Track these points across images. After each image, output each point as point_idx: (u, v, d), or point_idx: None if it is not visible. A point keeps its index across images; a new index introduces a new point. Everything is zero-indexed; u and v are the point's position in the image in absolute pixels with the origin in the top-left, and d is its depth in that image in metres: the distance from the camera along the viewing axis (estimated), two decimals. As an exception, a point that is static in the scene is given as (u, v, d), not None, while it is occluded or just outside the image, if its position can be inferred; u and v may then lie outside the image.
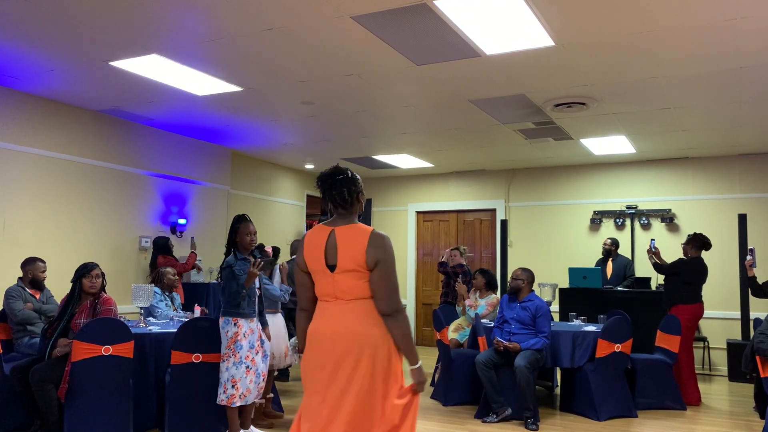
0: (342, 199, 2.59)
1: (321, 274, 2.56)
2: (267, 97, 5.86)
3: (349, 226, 2.57)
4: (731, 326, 7.87)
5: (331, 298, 2.55)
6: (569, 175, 9.09)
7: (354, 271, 2.49)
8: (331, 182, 2.60)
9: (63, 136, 6.21)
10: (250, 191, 8.81)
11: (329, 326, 2.51)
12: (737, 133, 6.98)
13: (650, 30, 4.19)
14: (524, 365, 4.92)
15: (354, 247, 2.49)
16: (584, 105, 5.88)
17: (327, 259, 2.54)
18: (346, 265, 2.49)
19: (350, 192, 2.59)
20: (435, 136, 7.41)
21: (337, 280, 2.52)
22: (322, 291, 2.57)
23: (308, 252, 2.59)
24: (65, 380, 3.99)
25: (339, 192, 2.58)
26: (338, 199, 2.59)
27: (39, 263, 5.16)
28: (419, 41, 4.43)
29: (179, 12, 4.02)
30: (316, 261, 2.56)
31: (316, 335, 2.53)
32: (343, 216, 2.61)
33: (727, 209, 8.11)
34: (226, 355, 4.15)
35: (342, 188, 2.58)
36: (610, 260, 7.64)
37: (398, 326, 2.49)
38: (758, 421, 5.21)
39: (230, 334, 4.16)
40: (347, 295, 2.51)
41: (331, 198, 2.60)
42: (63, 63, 5.02)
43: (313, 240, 2.59)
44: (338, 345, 2.47)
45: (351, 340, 2.46)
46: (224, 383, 4.12)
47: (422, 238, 10.23)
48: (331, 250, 2.53)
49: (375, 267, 2.48)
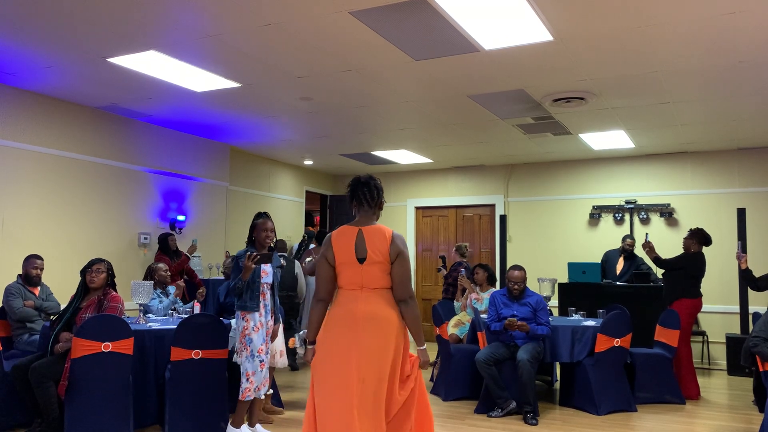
0: (369, 197, 3.09)
1: (349, 265, 3.00)
2: (265, 93, 5.85)
3: (373, 226, 3.06)
4: (730, 320, 7.89)
5: (357, 287, 2.99)
6: (568, 170, 9.09)
7: (380, 263, 2.98)
8: (364, 183, 3.11)
9: (61, 133, 6.20)
10: (249, 187, 8.81)
11: (359, 308, 2.94)
12: (736, 128, 6.97)
13: (649, 24, 4.18)
14: (527, 359, 4.93)
15: (380, 243, 2.99)
16: (583, 100, 5.88)
17: (357, 253, 2.99)
18: (375, 258, 2.98)
19: (378, 194, 3.12)
20: (434, 132, 7.40)
21: (365, 271, 2.98)
22: (349, 281, 3.01)
23: (338, 247, 3.02)
24: (65, 377, 3.99)
25: (369, 191, 3.09)
26: (366, 197, 3.08)
27: (34, 260, 5.15)
28: (418, 36, 4.43)
29: (177, 8, 4.01)
30: (346, 254, 3.00)
31: (343, 316, 2.95)
32: (366, 217, 3.10)
33: (726, 203, 8.12)
34: (239, 349, 4.19)
35: (372, 189, 3.10)
36: (622, 256, 7.58)
37: (411, 310, 3.00)
38: (757, 414, 5.23)
39: (240, 328, 4.20)
40: (372, 284, 2.99)
41: (360, 195, 3.09)
42: (61, 59, 5.01)
43: (342, 237, 3.03)
44: (370, 323, 2.92)
45: (377, 320, 2.93)
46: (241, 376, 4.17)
47: (421, 234, 10.24)
48: (360, 246, 2.99)
49: (395, 260, 2.99)
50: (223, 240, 8.14)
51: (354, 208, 3.13)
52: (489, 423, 4.86)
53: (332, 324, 2.97)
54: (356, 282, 3.00)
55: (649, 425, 4.84)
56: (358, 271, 2.99)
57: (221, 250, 8.06)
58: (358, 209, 3.12)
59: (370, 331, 2.90)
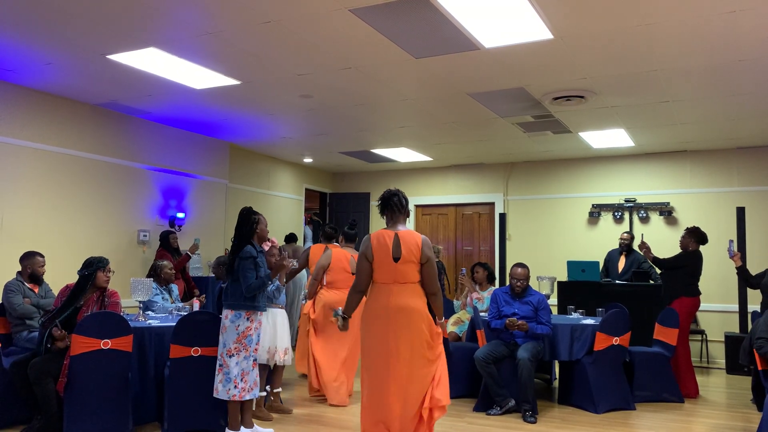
0: (400, 205, 3.75)
1: (386, 264, 3.62)
2: (265, 90, 5.85)
3: (407, 231, 3.69)
4: (729, 319, 7.89)
5: (391, 282, 3.62)
6: (568, 168, 9.09)
7: (411, 263, 3.62)
8: (394, 194, 3.77)
9: (61, 129, 6.20)
10: (248, 185, 8.81)
11: (393, 301, 3.59)
12: (736, 127, 6.98)
13: (649, 23, 4.18)
14: (527, 357, 4.93)
15: (413, 246, 3.63)
16: (583, 98, 5.88)
17: (393, 253, 3.60)
18: (408, 257, 3.61)
19: (407, 202, 3.80)
20: (434, 130, 7.40)
21: (398, 268, 3.61)
22: (384, 277, 3.64)
23: (377, 248, 3.65)
24: (64, 374, 3.99)
25: (399, 201, 3.75)
26: (398, 206, 3.74)
27: (38, 258, 5.15)
28: (418, 34, 4.42)
29: (177, 5, 4.00)
30: (384, 254, 3.63)
31: (380, 307, 3.61)
32: (399, 223, 3.75)
33: (725, 202, 8.12)
34: (236, 350, 4.04)
35: (402, 199, 3.77)
36: (623, 255, 7.58)
37: (438, 299, 3.70)
38: (756, 413, 5.24)
39: (241, 328, 4.06)
40: (403, 279, 3.62)
41: (393, 204, 3.74)
42: (60, 56, 5.01)
43: (381, 239, 3.66)
44: (400, 313, 3.57)
45: (407, 310, 3.58)
46: (234, 378, 4.03)
47: (421, 232, 10.21)
48: (395, 247, 3.62)
49: (426, 262, 3.63)
50: (222, 237, 8.14)
51: (387, 215, 3.78)
52: (488, 421, 4.86)
53: (372, 317, 3.63)
54: (389, 278, 3.63)
55: (647, 424, 4.84)
56: (393, 268, 3.62)
57: (221, 247, 8.06)
58: (391, 216, 3.76)
59: (401, 319, 3.57)
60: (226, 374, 4.05)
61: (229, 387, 4.04)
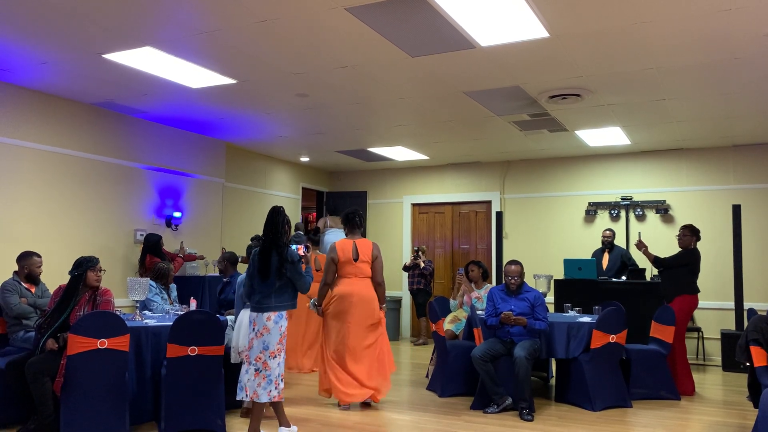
0: (360, 222, 5.31)
1: (349, 263, 5.13)
2: (261, 89, 5.84)
3: (362, 239, 5.26)
4: (725, 316, 7.92)
5: (353, 276, 5.14)
6: (564, 166, 9.10)
7: (366, 262, 5.18)
8: (354, 213, 5.30)
9: (56, 129, 6.18)
10: (245, 184, 8.80)
11: (355, 291, 5.09)
12: (731, 124, 6.99)
13: (645, 21, 4.19)
14: (524, 355, 4.94)
15: (367, 249, 5.20)
16: (579, 96, 5.88)
17: (353, 255, 5.12)
18: (364, 258, 5.17)
19: (361, 219, 5.35)
20: (430, 128, 7.40)
21: (358, 266, 5.14)
22: (348, 272, 5.14)
23: (341, 252, 5.15)
24: (60, 374, 3.98)
25: (357, 218, 5.29)
26: (356, 222, 5.28)
27: (35, 258, 5.13)
28: (414, 33, 4.42)
29: (172, 4, 4.00)
30: (347, 255, 5.13)
31: (347, 295, 5.08)
32: (357, 233, 5.28)
33: (721, 200, 8.15)
34: (278, 350, 4.10)
35: (358, 216, 5.31)
36: (606, 252, 7.65)
37: (383, 288, 5.24)
38: (752, 410, 5.25)
39: (283, 329, 4.13)
40: (361, 275, 5.16)
41: (353, 221, 5.27)
42: (56, 55, 5.00)
43: (344, 246, 5.17)
44: (361, 300, 5.09)
45: (366, 299, 5.12)
46: (275, 379, 4.07)
47: (418, 231, 10.24)
48: (354, 251, 5.15)
49: (375, 260, 5.20)
50: (219, 237, 8.13)
51: (348, 228, 5.27)
52: (485, 419, 4.87)
53: (338, 301, 5.09)
54: (352, 273, 5.15)
55: (644, 421, 4.86)
56: (354, 266, 5.14)
57: (217, 246, 8.05)
58: (351, 229, 5.27)
59: (360, 304, 5.08)
60: (268, 376, 4.08)
61: (270, 389, 4.07)
